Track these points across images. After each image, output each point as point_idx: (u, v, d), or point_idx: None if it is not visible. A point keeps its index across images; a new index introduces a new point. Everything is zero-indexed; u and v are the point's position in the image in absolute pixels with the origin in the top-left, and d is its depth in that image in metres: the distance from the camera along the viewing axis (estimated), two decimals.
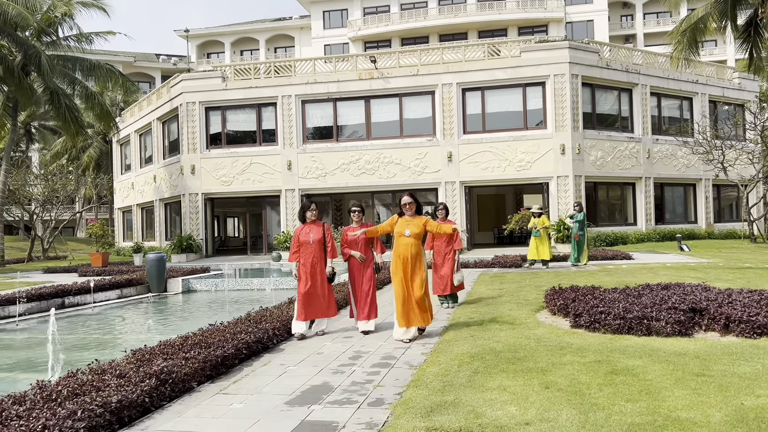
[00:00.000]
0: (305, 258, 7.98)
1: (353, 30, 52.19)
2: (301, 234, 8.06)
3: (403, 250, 7.36)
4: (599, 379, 5.09)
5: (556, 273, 14.58)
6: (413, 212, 7.52)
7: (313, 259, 7.98)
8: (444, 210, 10.05)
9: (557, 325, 7.67)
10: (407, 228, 7.41)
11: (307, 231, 8.06)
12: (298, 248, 8.03)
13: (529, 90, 24.77)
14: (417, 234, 7.41)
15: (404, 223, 7.48)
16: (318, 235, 8.04)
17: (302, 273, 7.97)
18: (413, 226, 7.43)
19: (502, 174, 24.61)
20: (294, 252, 8.07)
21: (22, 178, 36.82)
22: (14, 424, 4.10)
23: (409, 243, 7.35)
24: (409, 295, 7.26)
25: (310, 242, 8.00)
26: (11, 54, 28.07)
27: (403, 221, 7.50)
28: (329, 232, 8.15)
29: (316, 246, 8.00)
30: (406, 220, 7.49)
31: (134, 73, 59.64)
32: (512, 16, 49.62)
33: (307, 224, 8.16)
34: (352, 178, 25.39)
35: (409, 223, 7.45)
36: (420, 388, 5.23)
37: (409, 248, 7.34)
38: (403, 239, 7.39)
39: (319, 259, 8.01)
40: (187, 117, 26.98)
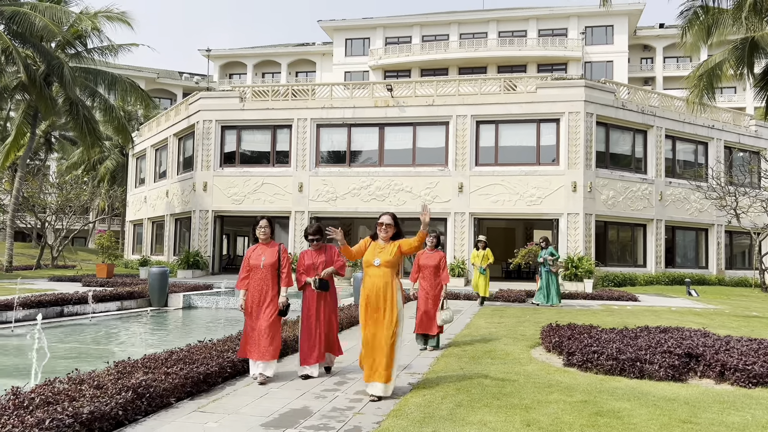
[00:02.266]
0: (254, 285, 6.64)
1: (374, 58, 52.78)
2: (252, 256, 6.75)
3: (369, 283, 6.01)
4: (583, 420, 4.95)
5: (558, 311, 14.39)
6: (389, 237, 6.13)
7: (263, 287, 6.63)
8: (435, 239, 9.01)
9: (550, 363, 7.52)
10: (377, 256, 6.02)
11: (259, 253, 6.73)
12: (248, 273, 6.71)
13: (544, 126, 24.77)
14: (389, 262, 5.97)
15: (375, 249, 6.10)
16: (271, 258, 6.67)
17: (249, 303, 6.64)
18: (385, 253, 6.02)
19: (512, 208, 24.50)
20: (243, 278, 6.73)
21: (38, 185, 37.29)
22: None
23: (378, 274, 5.96)
24: (374, 340, 5.90)
25: (260, 266, 6.64)
26: (35, 64, 28.64)
27: (374, 247, 6.12)
28: (285, 254, 6.79)
29: (267, 271, 6.64)
30: (378, 246, 6.10)
31: (157, 89, 60.57)
32: (532, 52, 49.98)
33: (259, 245, 6.83)
34: (362, 204, 25.41)
35: (380, 250, 6.06)
36: (399, 418, 5.12)
37: (377, 281, 5.95)
38: (372, 270, 6.02)
39: (271, 287, 6.65)
40: (203, 135, 27.25)
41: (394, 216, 6.24)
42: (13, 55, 25.37)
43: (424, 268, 8.71)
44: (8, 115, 40.30)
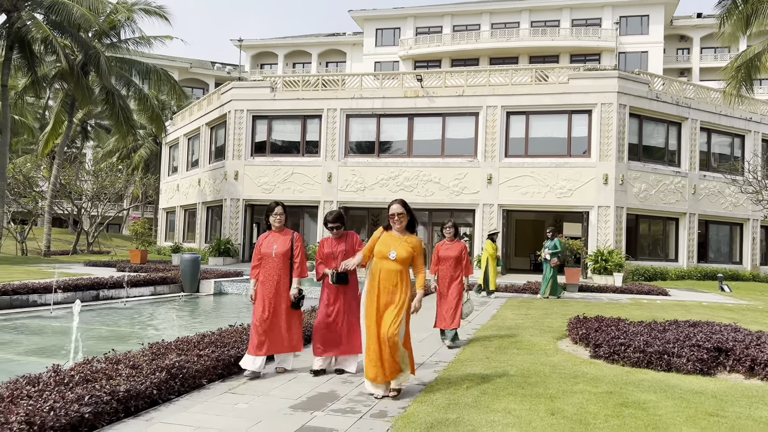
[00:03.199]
0: (266, 275, 6.28)
1: (404, 48, 52.63)
2: (264, 244, 6.39)
3: (383, 278, 5.47)
4: (607, 411, 4.98)
5: (586, 303, 14.31)
6: (404, 227, 5.63)
7: (275, 276, 6.26)
8: (453, 228, 8.40)
9: (576, 354, 7.53)
10: (393, 248, 5.50)
11: (271, 240, 6.37)
12: (260, 261, 6.37)
13: (575, 117, 24.50)
14: (404, 259, 5.49)
15: (390, 240, 5.58)
16: (284, 247, 6.30)
17: (260, 294, 6.28)
18: (402, 247, 5.52)
19: (542, 200, 24.33)
20: (255, 266, 6.39)
21: (75, 173, 38.14)
22: (23, 403, 4.25)
23: (393, 270, 5.46)
24: (379, 335, 5.44)
25: (272, 255, 6.28)
26: (73, 53, 29.25)
27: (388, 237, 5.60)
28: (299, 242, 6.42)
29: (279, 260, 6.27)
30: (394, 237, 5.59)
31: (189, 79, 61.31)
32: (565, 43, 49.31)
33: (272, 232, 6.47)
34: (391, 194, 25.45)
35: (397, 242, 5.55)
36: (425, 404, 5.20)
37: (390, 275, 5.46)
38: (386, 263, 5.49)
39: (284, 277, 6.30)
40: (235, 124, 27.57)
41: (404, 203, 5.69)
42: (52, 45, 25.95)
43: (444, 260, 8.24)
44: (47, 104, 41.25)
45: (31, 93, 32.42)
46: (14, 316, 10.75)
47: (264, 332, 6.18)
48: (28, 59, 26.65)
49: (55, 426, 4.07)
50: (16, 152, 45.51)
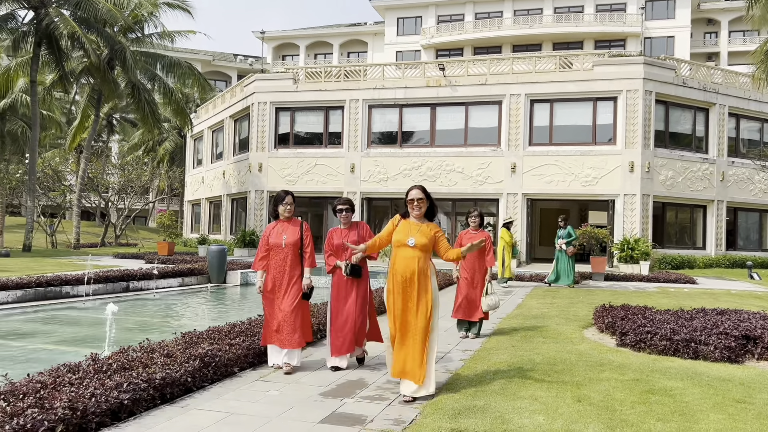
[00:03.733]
0: (275, 266, 6.09)
1: (426, 37, 52.40)
2: (272, 234, 6.18)
3: (402, 266, 5.23)
4: (634, 397, 5.01)
5: (613, 291, 14.26)
6: (422, 214, 5.39)
7: (285, 267, 6.06)
8: (479, 218, 8.23)
9: (603, 343, 7.55)
10: (412, 235, 5.26)
11: (280, 230, 6.17)
12: (267, 252, 6.16)
13: (600, 104, 24.25)
14: (424, 245, 5.23)
15: (408, 227, 5.34)
16: (293, 237, 6.10)
17: (269, 285, 6.11)
18: (421, 234, 5.27)
19: (566, 188, 24.17)
20: (261, 258, 6.18)
21: (102, 166, 38.78)
22: (66, 390, 4.41)
23: (412, 256, 5.20)
24: (405, 331, 5.20)
25: (282, 245, 6.08)
26: (99, 48, 29.65)
27: (406, 225, 5.37)
28: (308, 232, 6.25)
29: (289, 250, 6.07)
30: (412, 225, 5.36)
31: (212, 72, 61.77)
32: (589, 29, 48.70)
33: (280, 221, 6.26)
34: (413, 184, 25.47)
35: (416, 229, 5.31)
36: (452, 392, 5.28)
37: (411, 263, 5.20)
38: (405, 250, 5.25)
39: (293, 268, 6.08)
40: (258, 116, 27.77)
41: (424, 189, 5.45)
42: (79, 40, 26.33)
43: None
44: (74, 99, 41.92)
45: (59, 88, 32.96)
46: (49, 307, 11.05)
47: (271, 325, 6.08)
48: (55, 55, 27.09)
49: (96, 411, 4.22)
50: (44, 147, 46.33)
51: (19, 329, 9.13)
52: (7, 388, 4.38)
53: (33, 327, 9.34)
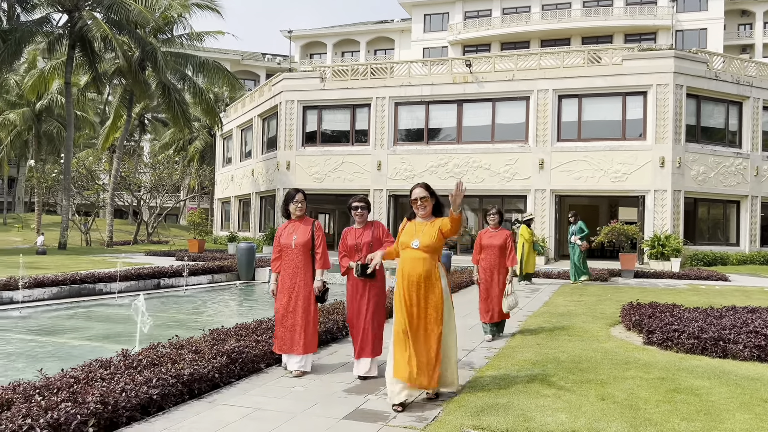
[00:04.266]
0: (286, 268, 5.85)
1: (453, 33, 52.20)
2: (283, 234, 5.93)
3: (408, 268, 4.99)
4: (658, 396, 4.98)
5: (642, 289, 14.09)
6: (429, 212, 5.14)
7: (294, 269, 5.81)
8: (498, 215, 7.96)
9: (629, 341, 7.49)
10: (416, 236, 5.03)
11: (291, 230, 5.91)
12: (280, 253, 5.93)
13: (630, 99, 23.93)
14: (430, 246, 4.98)
15: (413, 228, 5.11)
16: (304, 237, 5.82)
17: (281, 287, 5.88)
18: (426, 235, 5.01)
19: (595, 184, 23.92)
20: (275, 259, 5.97)
21: (134, 166, 39.50)
22: (98, 385, 4.55)
23: (417, 258, 4.97)
24: (411, 335, 4.94)
25: (291, 246, 5.82)
26: (130, 50, 30.18)
27: (412, 226, 5.13)
28: (320, 231, 5.96)
29: (300, 251, 5.81)
30: (417, 225, 5.11)
31: (241, 71, 62.38)
32: (618, 22, 47.99)
33: (291, 221, 6.00)
34: (440, 181, 25.45)
35: (421, 229, 5.06)
36: (475, 389, 5.31)
37: (416, 265, 4.96)
38: (409, 252, 5.03)
39: (305, 269, 5.83)
40: (286, 115, 28.00)
41: (428, 186, 5.20)
42: (111, 42, 26.86)
43: (486, 249, 7.76)
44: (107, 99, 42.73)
45: (92, 89, 33.66)
46: (83, 304, 11.34)
47: (279, 330, 5.84)
48: (88, 57, 27.67)
49: (126, 406, 4.35)
50: (79, 147, 47.36)
51: (54, 325, 9.39)
52: (42, 383, 4.54)
53: (67, 323, 9.60)
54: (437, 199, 5.18)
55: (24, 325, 9.29)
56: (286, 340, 5.79)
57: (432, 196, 5.15)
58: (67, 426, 3.87)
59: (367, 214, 5.93)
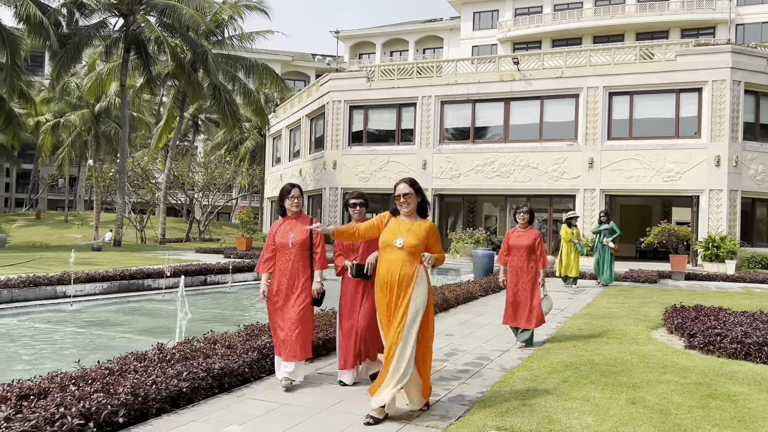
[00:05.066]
0: (281, 268, 5.38)
1: (503, 31, 51.63)
2: (278, 232, 5.46)
3: (386, 270, 4.59)
4: (692, 402, 4.83)
5: (691, 291, 13.65)
6: (413, 210, 4.73)
7: (292, 270, 5.35)
8: (527, 214, 7.32)
9: (669, 344, 7.28)
10: (400, 234, 4.61)
11: (287, 228, 5.46)
12: (273, 253, 5.45)
13: (684, 96, 23.20)
14: (413, 246, 4.56)
15: (397, 226, 4.69)
16: (301, 236, 5.37)
17: (274, 289, 5.40)
18: (411, 233, 4.60)
19: (647, 184, 23.29)
20: (266, 259, 5.46)
21: (187, 165, 40.54)
22: (130, 377, 4.71)
23: (399, 259, 4.55)
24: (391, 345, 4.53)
25: (288, 245, 5.36)
26: (182, 52, 30.98)
27: (395, 224, 4.72)
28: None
29: (297, 251, 5.35)
30: (402, 223, 4.69)
31: (291, 72, 63.24)
32: (675, 17, 46.54)
33: (287, 219, 5.53)
34: (486, 180, 25.26)
35: (406, 228, 4.65)
36: (504, 390, 5.27)
37: (397, 267, 4.54)
38: (391, 252, 4.60)
39: (302, 270, 5.38)
40: (333, 115, 28.25)
41: (413, 181, 4.76)
42: (164, 45, 27.64)
43: (514, 249, 7.27)
44: (161, 101, 44.01)
45: (147, 91, 34.68)
46: (131, 299, 11.70)
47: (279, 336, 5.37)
48: (143, 59, 28.55)
49: (156, 398, 4.48)
50: (135, 147, 48.90)
51: (102, 319, 9.75)
52: (78, 374, 4.72)
53: (114, 317, 9.95)
54: (423, 196, 4.79)
55: (75, 318, 9.67)
56: (282, 347, 5.32)
57: (417, 193, 4.73)
58: (97, 415, 4.01)
59: (365, 212, 5.57)
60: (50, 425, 3.76)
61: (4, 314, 9.65)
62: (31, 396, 4.21)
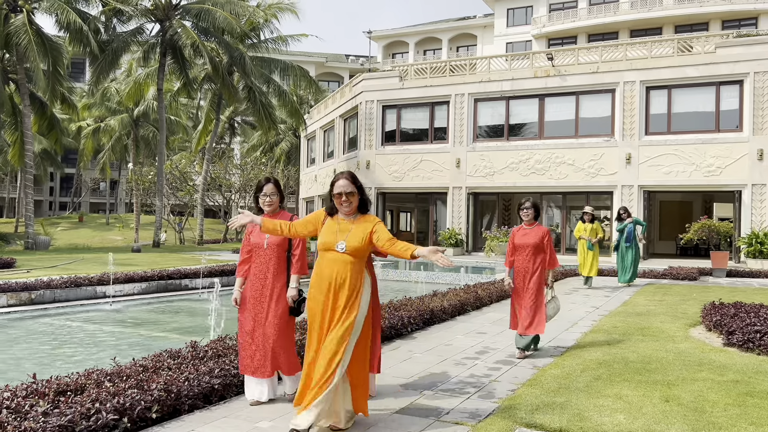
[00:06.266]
0: (256, 272, 4.80)
1: (537, 27, 51.05)
2: (254, 231, 4.87)
3: (327, 272, 4.14)
4: (729, 400, 4.71)
5: (732, 288, 13.30)
6: (354, 209, 4.28)
7: (267, 274, 4.76)
8: (532, 210, 6.69)
9: (708, 342, 7.11)
10: (341, 236, 4.17)
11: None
12: (250, 254, 4.88)
13: (724, 89, 22.62)
14: (357, 249, 4.13)
15: (336, 228, 4.23)
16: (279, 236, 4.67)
17: (248, 296, 4.83)
18: (354, 236, 4.15)
19: (687, 179, 22.77)
20: (242, 261, 4.92)
21: (223, 167, 41.17)
22: (164, 374, 4.80)
23: (340, 262, 4.12)
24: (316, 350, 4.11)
25: (263, 246, 4.78)
26: (218, 56, 31.43)
27: (335, 225, 4.25)
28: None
29: (273, 252, 4.77)
30: (342, 224, 4.24)
31: (325, 73, 63.62)
32: (715, 8, 45.36)
33: (266, 216, 4.87)
34: (521, 178, 25.01)
35: (347, 228, 4.21)
36: (534, 388, 5.21)
37: (338, 270, 4.11)
38: (331, 255, 4.16)
39: (278, 275, 4.76)
40: (366, 115, 28.33)
41: (355, 178, 4.28)
42: (200, 49, 28.11)
43: (520, 249, 6.64)
44: (198, 104, 44.76)
45: (184, 94, 35.32)
46: (168, 299, 11.95)
47: (248, 347, 4.78)
48: (179, 63, 29.09)
49: (189, 394, 4.56)
50: (173, 150, 49.82)
51: (139, 318, 9.97)
52: (113, 370, 4.84)
53: (152, 316, 10.17)
54: (363, 195, 4.30)
55: (113, 318, 9.92)
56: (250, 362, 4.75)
57: (358, 191, 4.24)
58: (131, 411, 4.11)
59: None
60: (86, 420, 3.86)
61: (47, 314, 9.95)
62: (68, 392, 4.34)
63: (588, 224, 13.50)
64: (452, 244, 25.28)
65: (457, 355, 6.57)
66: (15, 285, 10.67)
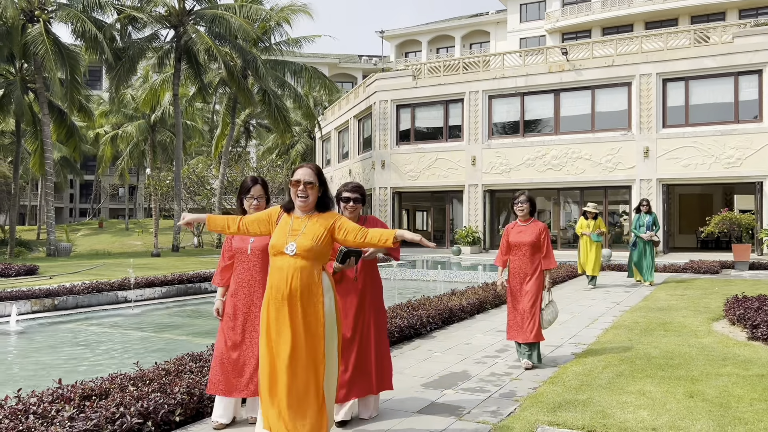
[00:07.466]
0: (239, 280, 4.35)
1: (551, 22, 50.74)
2: (236, 237, 4.39)
3: (277, 279, 3.56)
4: (754, 394, 4.65)
5: (755, 281, 13.13)
6: (311, 204, 3.68)
7: (251, 282, 4.32)
8: (527, 204, 6.07)
9: (731, 336, 7.02)
10: (293, 237, 3.57)
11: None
12: (232, 260, 4.44)
13: (742, 79, 22.33)
14: (310, 250, 3.53)
15: (289, 227, 3.63)
16: (264, 240, 4.22)
17: (230, 307, 4.35)
18: (307, 236, 3.56)
19: (706, 171, 22.52)
20: (223, 268, 4.47)
21: (240, 170, 41.37)
22: (186, 377, 4.84)
23: (292, 267, 3.51)
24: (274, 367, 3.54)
25: (247, 251, 4.35)
26: (232, 60, 31.59)
27: (288, 224, 3.66)
28: None
29: (257, 258, 4.33)
30: (296, 222, 3.65)
31: (339, 74, 63.73)
32: None
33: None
34: (538, 174, 24.88)
35: (300, 227, 3.61)
36: (556, 385, 5.18)
37: (291, 276, 3.51)
38: (282, 259, 3.56)
39: (264, 281, 4.10)
40: (380, 115, 28.33)
41: (319, 169, 3.73)
42: (214, 54, 28.27)
43: (515, 248, 6.06)
44: (214, 108, 45.04)
45: (199, 99, 35.51)
46: (188, 302, 12.05)
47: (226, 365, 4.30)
48: (194, 68, 29.26)
49: (211, 397, 4.59)
50: (190, 154, 50.18)
51: (161, 322, 10.06)
52: (136, 374, 4.89)
53: (172, 320, 10.26)
54: (326, 188, 3.73)
55: (135, 322, 10.01)
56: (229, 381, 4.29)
57: (319, 184, 3.67)
58: (155, 414, 4.15)
59: (360, 208, 4.62)
60: (111, 424, 3.91)
61: (70, 319, 10.07)
62: (93, 396, 4.39)
63: (591, 220, 12.98)
64: (469, 242, 25.20)
65: (477, 353, 6.56)
66: (38, 291, 10.82)
